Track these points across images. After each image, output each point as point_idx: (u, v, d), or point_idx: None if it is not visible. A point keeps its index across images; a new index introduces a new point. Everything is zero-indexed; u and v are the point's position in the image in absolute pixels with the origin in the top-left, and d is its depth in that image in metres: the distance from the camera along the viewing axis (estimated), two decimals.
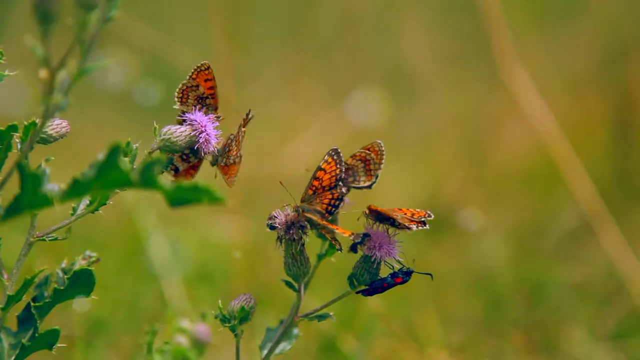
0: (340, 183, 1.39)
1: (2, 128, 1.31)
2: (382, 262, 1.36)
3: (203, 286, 2.55)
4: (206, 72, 1.41)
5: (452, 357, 2.28)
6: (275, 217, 1.35)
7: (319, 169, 1.40)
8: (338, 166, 1.40)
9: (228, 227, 2.73)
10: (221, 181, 1.41)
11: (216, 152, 1.38)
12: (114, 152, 1.09)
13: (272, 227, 1.36)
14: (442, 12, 4.17)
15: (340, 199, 1.38)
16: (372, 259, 1.35)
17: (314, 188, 1.40)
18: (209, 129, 1.34)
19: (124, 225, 2.72)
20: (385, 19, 4.05)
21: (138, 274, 2.55)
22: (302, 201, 1.39)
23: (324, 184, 1.39)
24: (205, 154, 1.37)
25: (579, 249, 2.84)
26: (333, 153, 1.41)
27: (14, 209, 1.13)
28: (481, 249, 2.87)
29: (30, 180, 1.11)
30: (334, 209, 1.38)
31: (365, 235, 1.35)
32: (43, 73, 1.04)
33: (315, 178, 1.40)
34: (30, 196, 1.12)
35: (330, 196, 1.39)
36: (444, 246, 2.92)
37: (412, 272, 1.37)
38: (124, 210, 2.65)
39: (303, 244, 1.35)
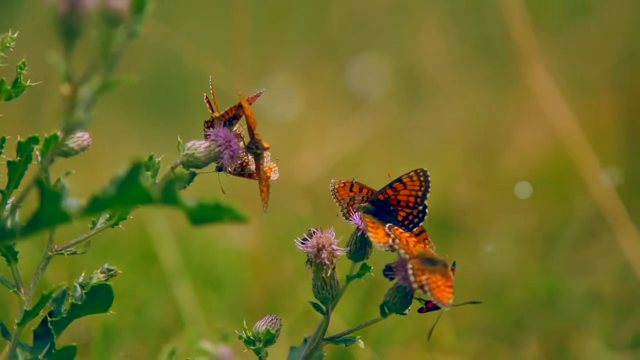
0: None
1: (22, 140, 1.29)
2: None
3: (214, 293, 2.53)
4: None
5: None
6: (306, 239, 1.32)
7: (399, 180, 1.35)
8: (422, 188, 1.35)
9: (239, 233, 2.71)
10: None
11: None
12: (135, 168, 1.07)
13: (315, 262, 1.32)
14: (453, 15, 4.15)
15: (422, 217, 1.34)
16: (407, 290, 1.31)
17: (385, 196, 1.35)
18: (234, 145, 1.31)
19: (135, 231, 2.70)
20: (396, 21, 4.03)
21: (149, 281, 2.54)
22: (370, 202, 1.34)
23: (399, 197, 1.35)
24: (229, 170, 1.34)
25: (594, 254, 2.82)
26: (421, 173, 1.35)
27: (33, 225, 1.11)
28: (493, 254, 2.85)
29: (50, 197, 1.09)
30: (411, 224, 1.34)
31: (388, 269, 1.32)
32: (65, 88, 1.02)
33: (390, 187, 1.35)
34: (50, 212, 1.10)
35: (409, 210, 1.34)
36: (454, 251, 2.89)
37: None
38: (136, 215, 2.63)
39: (334, 268, 1.32)
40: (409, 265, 1.28)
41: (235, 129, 1.35)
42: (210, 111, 1.35)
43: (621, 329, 2.40)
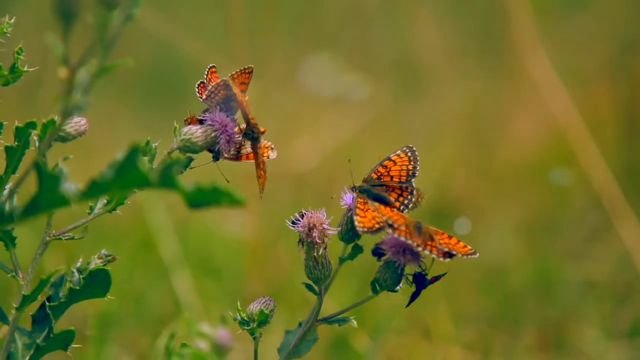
0: (413, 181, 1.37)
1: (20, 125, 1.29)
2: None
3: (212, 282, 2.53)
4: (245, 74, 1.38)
5: (464, 354, 2.26)
6: (298, 219, 1.32)
7: (388, 159, 1.37)
8: (411, 162, 1.37)
9: (237, 221, 2.71)
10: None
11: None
12: (133, 152, 1.07)
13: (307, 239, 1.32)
14: (449, 6, 4.15)
15: (411, 191, 1.35)
16: (397, 265, 1.32)
17: (378, 173, 1.36)
18: (230, 130, 1.31)
19: (133, 219, 2.70)
20: (393, 12, 4.03)
21: (147, 269, 2.54)
22: (364, 181, 1.36)
23: (391, 173, 1.36)
24: (225, 156, 1.34)
25: (592, 243, 2.82)
26: (407, 150, 1.38)
27: (32, 209, 1.11)
28: (491, 244, 2.85)
29: (48, 180, 1.09)
30: (402, 205, 1.35)
31: (378, 248, 1.33)
32: (62, 72, 1.02)
33: (382, 165, 1.37)
34: (48, 196, 1.10)
35: (399, 192, 1.36)
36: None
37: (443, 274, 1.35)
38: (134, 203, 2.63)
39: (325, 247, 1.32)
40: (409, 241, 1.28)
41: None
42: (199, 95, 1.35)
43: (619, 318, 2.40)
